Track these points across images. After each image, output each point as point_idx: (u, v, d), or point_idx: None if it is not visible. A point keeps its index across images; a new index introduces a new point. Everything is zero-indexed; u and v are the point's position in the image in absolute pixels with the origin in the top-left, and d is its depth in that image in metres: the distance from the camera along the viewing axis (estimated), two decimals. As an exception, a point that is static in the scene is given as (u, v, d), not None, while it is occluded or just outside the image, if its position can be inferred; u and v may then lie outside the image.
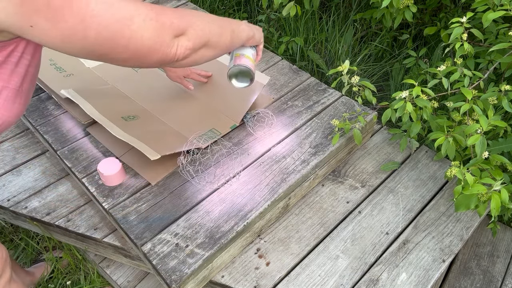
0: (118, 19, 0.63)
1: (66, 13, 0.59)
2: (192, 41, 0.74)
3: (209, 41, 0.79)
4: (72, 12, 0.59)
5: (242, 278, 1.10)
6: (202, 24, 0.77)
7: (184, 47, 0.73)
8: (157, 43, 0.68)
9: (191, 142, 1.18)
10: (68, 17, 0.59)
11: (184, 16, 0.73)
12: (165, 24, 0.69)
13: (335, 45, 1.92)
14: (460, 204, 0.98)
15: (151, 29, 0.67)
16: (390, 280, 1.11)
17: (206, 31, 0.78)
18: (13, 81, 0.69)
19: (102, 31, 0.62)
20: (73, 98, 1.24)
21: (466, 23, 1.17)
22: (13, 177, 1.31)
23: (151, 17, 0.66)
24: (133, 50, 0.66)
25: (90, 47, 0.64)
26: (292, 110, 1.34)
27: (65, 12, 0.59)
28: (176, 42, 0.71)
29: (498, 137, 1.25)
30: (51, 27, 0.59)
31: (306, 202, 1.27)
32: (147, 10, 0.66)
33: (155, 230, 1.04)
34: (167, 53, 0.71)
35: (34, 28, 0.59)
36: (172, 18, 0.70)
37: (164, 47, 0.70)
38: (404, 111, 1.12)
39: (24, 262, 1.52)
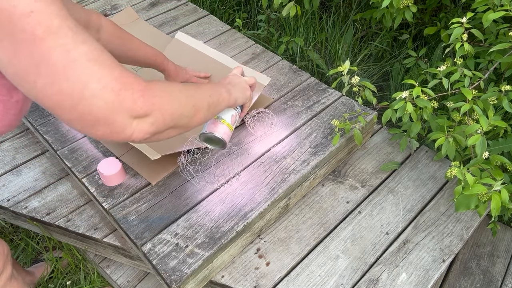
0: (70, 79, 0.54)
1: (25, 52, 0.52)
2: (156, 126, 0.65)
3: (177, 124, 0.70)
4: (31, 53, 0.52)
5: (242, 278, 1.10)
6: (173, 107, 0.67)
7: (143, 132, 0.63)
8: (108, 118, 0.58)
9: (191, 141, 1.18)
10: (25, 57, 0.52)
11: (153, 97, 0.63)
12: (125, 102, 0.58)
13: (335, 45, 1.92)
14: (460, 204, 0.98)
15: (107, 101, 0.57)
16: (390, 280, 1.11)
17: (176, 114, 0.69)
18: (3, 93, 0.66)
19: (50, 85, 0.54)
20: None
21: (466, 23, 1.17)
22: (13, 177, 1.31)
23: (112, 87, 0.57)
24: (80, 114, 0.57)
25: (36, 95, 0.56)
26: (292, 110, 1.34)
27: (24, 50, 0.52)
28: (134, 124, 0.61)
29: (498, 137, 1.25)
30: (7, 59, 0.53)
31: (306, 202, 1.27)
32: (112, 79, 0.57)
33: (155, 230, 1.04)
34: (118, 132, 0.61)
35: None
36: (138, 97, 0.60)
37: (116, 127, 0.60)
38: (404, 111, 1.11)
39: (24, 262, 1.52)
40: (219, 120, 0.99)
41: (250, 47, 1.60)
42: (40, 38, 0.51)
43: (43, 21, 0.51)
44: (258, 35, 2.07)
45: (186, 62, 1.39)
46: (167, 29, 1.67)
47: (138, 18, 1.69)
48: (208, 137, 1.02)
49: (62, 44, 0.53)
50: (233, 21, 2.30)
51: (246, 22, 2.30)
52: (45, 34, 0.52)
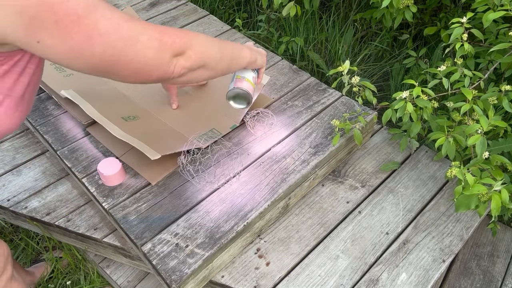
0: (124, 38, 0.65)
1: (74, 31, 0.60)
2: (190, 62, 0.78)
3: (207, 64, 0.83)
4: (80, 30, 0.60)
5: (242, 278, 1.10)
6: (202, 47, 0.81)
7: (181, 67, 0.76)
8: (158, 61, 0.71)
9: (191, 142, 1.18)
10: (75, 35, 0.60)
11: (185, 37, 0.76)
12: (167, 44, 0.72)
13: (335, 45, 1.92)
14: (460, 204, 0.98)
15: (154, 48, 0.70)
16: (390, 280, 1.11)
17: (205, 54, 0.82)
18: (16, 90, 0.70)
19: (107, 49, 0.64)
20: (73, 98, 1.24)
21: (466, 23, 1.17)
22: (13, 177, 1.31)
23: (155, 36, 0.70)
24: (135, 68, 0.69)
25: (94, 64, 0.65)
26: (292, 110, 1.34)
27: (73, 30, 0.60)
28: (174, 61, 0.74)
29: (498, 137, 1.25)
30: (57, 43, 0.60)
31: (306, 202, 1.27)
32: (152, 30, 0.69)
33: (155, 230, 1.04)
34: (165, 71, 0.74)
35: (40, 44, 0.59)
36: (174, 38, 0.73)
37: (164, 65, 0.73)
38: (405, 111, 1.11)
39: (24, 262, 1.52)
40: (243, 78, 1.06)
41: (250, 47, 1.60)
42: (84, 15, 0.60)
43: (80, 1, 0.59)
44: (258, 35, 2.07)
45: None
46: (167, 29, 1.66)
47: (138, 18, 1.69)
48: (236, 93, 1.07)
49: (103, 15, 0.62)
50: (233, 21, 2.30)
51: (246, 22, 2.30)
52: (86, 11, 0.60)
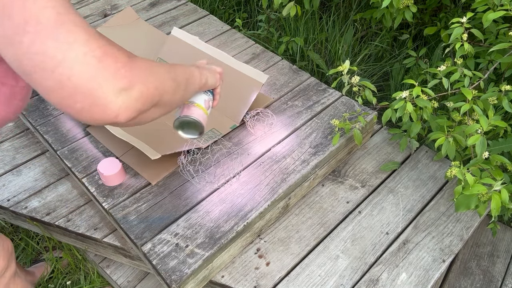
0: (57, 38, 0.53)
1: (15, 11, 0.52)
2: (141, 101, 0.61)
3: (161, 100, 0.66)
4: (21, 12, 0.52)
5: (242, 278, 1.10)
6: (156, 80, 0.64)
7: (130, 108, 0.59)
8: (90, 85, 0.55)
9: (191, 142, 1.18)
10: (14, 15, 0.52)
11: (136, 68, 0.60)
12: (107, 69, 0.56)
13: (335, 45, 1.92)
14: (460, 204, 0.98)
15: (88, 65, 0.54)
16: (390, 280, 1.11)
17: (160, 88, 0.65)
18: (9, 77, 0.67)
19: (36, 43, 0.53)
20: None
21: (466, 23, 1.17)
22: (13, 177, 1.31)
23: (96, 54, 0.55)
24: (58, 80, 0.54)
25: (19, 56, 0.54)
26: (292, 110, 1.34)
27: (15, 9, 0.52)
28: (120, 100, 0.57)
29: (498, 137, 1.25)
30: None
31: (306, 202, 1.27)
32: (97, 46, 0.56)
33: (155, 230, 1.04)
34: (100, 106, 0.56)
35: None
36: (121, 66, 0.58)
37: (97, 97, 0.55)
38: (404, 111, 1.11)
39: (24, 262, 1.52)
40: (192, 104, 0.92)
41: (250, 47, 1.60)
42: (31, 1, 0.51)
43: None
44: (258, 35, 2.07)
45: (183, 60, 1.39)
46: (167, 29, 1.67)
47: (138, 18, 1.69)
48: (183, 122, 0.92)
49: (54, 6, 0.53)
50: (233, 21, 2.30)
51: (246, 22, 2.30)
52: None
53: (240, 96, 1.28)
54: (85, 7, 1.77)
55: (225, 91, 1.32)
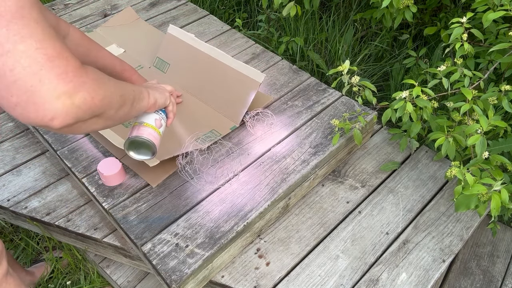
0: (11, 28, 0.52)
1: None
2: (82, 109, 0.58)
3: (104, 113, 0.65)
4: None
5: (242, 278, 1.10)
6: (104, 93, 0.63)
7: (69, 115, 0.56)
8: (31, 81, 0.53)
9: (190, 143, 1.18)
10: None
11: (85, 76, 0.59)
12: (55, 69, 0.54)
13: (335, 45, 1.92)
14: (460, 204, 0.98)
15: (35, 61, 0.53)
16: (390, 280, 1.11)
17: (106, 101, 0.64)
18: None
19: None
20: None
21: (466, 23, 1.17)
22: (13, 177, 1.31)
23: (48, 53, 0.54)
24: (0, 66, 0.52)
25: None
26: (292, 110, 1.34)
27: None
28: (59, 101, 0.54)
29: (498, 137, 1.25)
30: None
31: (306, 202, 1.27)
32: (51, 47, 0.54)
33: (155, 230, 1.04)
34: (37, 105, 0.53)
35: None
36: (71, 70, 0.56)
37: (35, 96, 0.53)
38: (404, 111, 1.11)
39: (24, 262, 1.52)
40: (141, 124, 0.92)
41: (250, 47, 1.60)
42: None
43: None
44: (258, 35, 2.07)
45: (181, 59, 1.39)
46: (167, 29, 1.67)
47: (138, 18, 1.69)
48: (132, 142, 0.92)
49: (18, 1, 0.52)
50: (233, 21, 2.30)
51: (246, 22, 2.29)
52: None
53: (238, 96, 1.28)
54: (85, 7, 1.77)
55: (223, 90, 1.32)
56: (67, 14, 1.74)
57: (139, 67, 1.45)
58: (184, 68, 1.39)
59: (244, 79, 1.26)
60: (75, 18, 1.71)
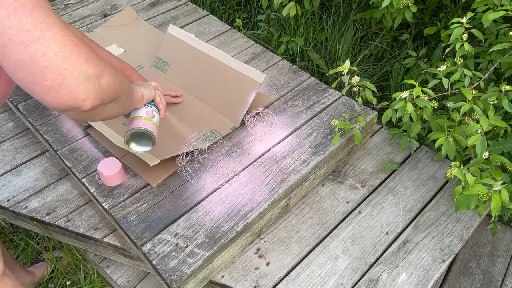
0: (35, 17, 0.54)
1: None
2: (107, 91, 0.64)
3: (120, 97, 0.71)
4: None
5: (242, 278, 1.10)
6: (119, 78, 0.69)
7: (98, 96, 0.61)
8: (64, 65, 0.56)
9: (190, 143, 1.18)
10: None
11: (105, 61, 0.64)
12: (82, 54, 0.58)
13: (335, 45, 1.92)
14: (460, 204, 0.98)
15: (65, 46, 0.56)
16: (390, 280, 1.11)
17: (121, 86, 0.70)
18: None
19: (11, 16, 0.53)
20: None
21: (466, 23, 1.17)
22: (13, 177, 1.31)
23: (72, 39, 0.57)
24: (30, 55, 0.54)
25: None
26: (292, 110, 1.34)
27: None
28: (90, 83, 0.59)
29: (498, 137, 1.25)
30: None
31: (306, 202, 1.27)
32: (71, 34, 0.58)
33: (155, 230, 1.04)
34: (73, 88, 0.57)
35: None
36: (94, 56, 0.61)
37: (68, 79, 0.57)
38: (405, 111, 1.11)
39: (24, 262, 1.52)
40: (134, 118, 0.95)
41: (250, 47, 1.60)
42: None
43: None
44: (258, 35, 2.07)
45: (181, 59, 1.39)
46: (167, 29, 1.66)
47: (138, 18, 1.69)
48: (131, 134, 0.94)
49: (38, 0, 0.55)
50: (233, 21, 2.30)
51: (246, 22, 2.30)
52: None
53: (239, 96, 1.28)
54: (85, 7, 1.77)
55: (223, 90, 1.32)
56: (67, 14, 1.74)
57: (139, 67, 1.45)
58: (184, 68, 1.39)
59: (244, 79, 1.26)
60: (75, 18, 1.71)
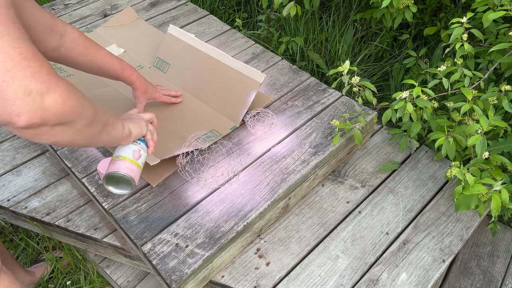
0: None
1: None
2: (51, 112, 0.57)
3: (74, 122, 0.63)
4: None
5: (242, 278, 1.10)
6: (76, 101, 0.62)
7: (36, 115, 0.55)
8: (2, 76, 0.52)
9: (190, 143, 1.18)
10: None
11: (60, 81, 0.59)
12: (29, 68, 0.54)
13: (335, 45, 1.92)
14: (460, 204, 0.98)
15: (11, 58, 0.53)
16: (390, 280, 1.11)
17: (77, 109, 0.62)
18: None
19: None
20: None
21: (466, 23, 1.17)
22: (13, 177, 1.31)
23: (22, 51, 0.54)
24: None
25: None
26: (292, 110, 1.34)
27: None
28: (29, 99, 0.54)
29: (498, 137, 1.25)
30: None
31: (306, 202, 1.27)
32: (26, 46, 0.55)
33: (155, 230, 1.04)
34: (8, 102, 0.53)
35: None
36: (45, 72, 0.56)
37: (8, 90, 0.53)
38: (405, 111, 1.11)
39: (24, 262, 1.52)
40: (118, 158, 0.91)
41: (250, 47, 1.60)
42: None
43: None
44: (258, 35, 2.07)
45: (181, 59, 1.39)
46: (167, 29, 1.66)
47: (138, 18, 1.69)
48: (109, 177, 0.91)
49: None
50: (233, 21, 2.30)
51: (246, 22, 2.29)
52: None
53: (239, 96, 1.28)
54: (85, 7, 1.77)
55: (223, 90, 1.32)
56: (67, 14, 1.74)
57: (139, 67, 1.45)
58: (184, 68, 1.39)
59: (244, 79, 1.26)
60: (75, 18, 1.71)
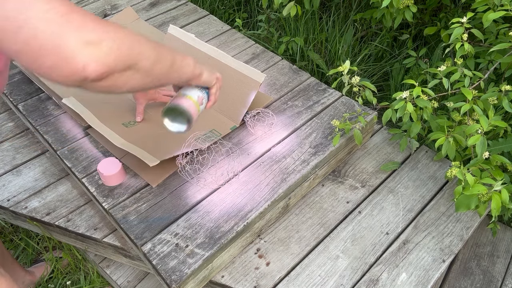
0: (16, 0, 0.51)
1: None
2: (112, 56, 0.58)
3: (138, 65, 0.64)
4: None
5: (242, 278, 1.10)
6: (130, 41, 0.62)
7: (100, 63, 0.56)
8: (54, 41, 0.53)
9: (190, 143, 1.18)
10: None
11: (108, 25, 0.58)
12: (73, 22, 0.54)
13: (335, 45, 1.92)
14: (460, 204, 0.98)
15: (51, 21, 0.53)
16: (390, 280, 1.11)
17: (134, 50, 0.63)
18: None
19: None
20: (74, 106, 1.24)
21: (466, 23, 1.17)
22: (13, 177, 1.31)
23: (58, 10, 0.54)
24: (24, 42, 0.52)
25: None
26: (292, 110, 1.34)
27: None
28: (86, 50, 0.55)
29: (498, 137, 1.25)
30: None
31: (306, 202, 1.27)
32: (59, 4, 0.54)
33: (155, 230, 1.04)
34: (68, 59, 0.53)
35: None
36: (90, 21, 0.56)
37: (63, 51, 0.53)
38: (405, 111, 1.12)
39: (24, 262, 1.52)
40: (184, 95, 0.90)
41: (250, 47, 1.60)
42: None
43: None
44: (258, 35, 2.07)
45: None
46: (167, 29, 1.66)
47: (138, 18, 1.69)
48: (170, 108, 0.89)
49: None
50: (233, 21, 2.30)
51: (246, 22, 2.30)
52: None
53: (239, 96, 1.28)
54: (85, 7, 1.77)
55: (223, 90, 1.32)
56: (67, 14, 1.73)
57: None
58: (184, 68, 1.39)
59: (244, 79, 1.26)
60: (75, 18, 1.71)
